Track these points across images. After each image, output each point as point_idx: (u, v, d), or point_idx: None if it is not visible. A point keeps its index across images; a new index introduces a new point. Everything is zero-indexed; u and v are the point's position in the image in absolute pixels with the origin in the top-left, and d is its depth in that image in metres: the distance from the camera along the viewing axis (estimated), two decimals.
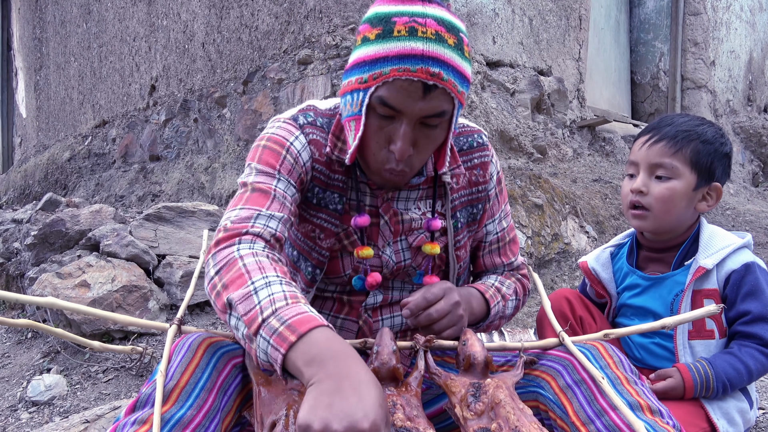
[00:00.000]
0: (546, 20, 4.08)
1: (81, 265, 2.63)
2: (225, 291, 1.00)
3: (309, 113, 1.24)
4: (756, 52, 5.95)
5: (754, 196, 5.25)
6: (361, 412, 0.80)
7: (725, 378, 1.27)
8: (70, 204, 3.56)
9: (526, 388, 1.14)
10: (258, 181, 1.17)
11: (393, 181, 1.18)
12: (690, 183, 1.36)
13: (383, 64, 1.04)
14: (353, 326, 1.30)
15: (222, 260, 1.04)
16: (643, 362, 1.43)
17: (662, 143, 1.36)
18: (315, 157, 1.21)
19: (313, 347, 0.88)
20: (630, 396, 1.02)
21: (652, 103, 5.30)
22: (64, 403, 2.18)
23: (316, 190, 1.23)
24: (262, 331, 0.92)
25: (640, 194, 1.38)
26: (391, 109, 1.07)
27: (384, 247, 1.26)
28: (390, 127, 1.09)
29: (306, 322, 0.91)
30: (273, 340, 0.91)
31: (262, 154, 1.19)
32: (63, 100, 6.09)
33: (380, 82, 1.05)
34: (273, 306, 0.94)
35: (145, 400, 1.00)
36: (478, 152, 1.30)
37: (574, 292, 1.52)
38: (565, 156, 4.09)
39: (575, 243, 3.42)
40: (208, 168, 4.09)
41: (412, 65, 1.03)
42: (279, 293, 0.96)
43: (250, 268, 1.00)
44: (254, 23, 3.71)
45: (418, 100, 1.05)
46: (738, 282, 1.32)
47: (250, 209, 1.12)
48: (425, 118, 1.08)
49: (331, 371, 0.85)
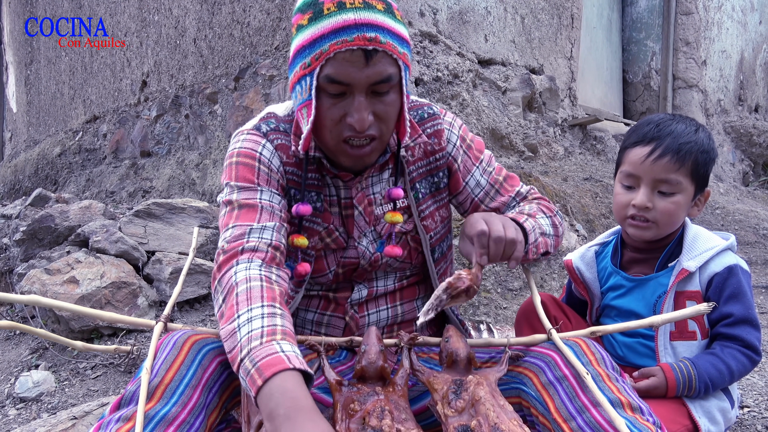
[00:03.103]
0: (538, 19, 4.09)
1: (70, 261, 2.62)
2: (221, 322, 1.05)
3: (270, 120, 1.25)
4: (747, 51, 5.98)
5: (744, 195, 5.29)
6: None
7: (707, 378, 1.28)
8: (60, 200, 3.55)
9: (508, 384, 1.15)
10: (242, 197, 1.18)
11: (359, 156, 1.16)
12: (690, 194, 1.37)
13: (321, 42, 1.07)
14: (340, 323, 1.30)
15: (224, 288, 1.09)
16: (626, 360, 1.44)
17: (667, 158, 1.32)
18: (284, 161, 1.22)
19: (272, 399, 0.91)
20: (611, 393, 1.03)
21: (643, 102, 5.32)
22: (52, 400, 2.18)
23: (293, 192, 1.24)
24: (240, 372, 0.97)
25: (646, 210, 1.36)
26: (339, 84, 1.08)
27: (360, 238, 1.27)
28: (342, 104, 1.11)
29: (271, 365, 0.94)
30: (247, 381, 0.95)
31: (237, 171, 1.20)
32: (54, 95, 6.06)
33: (323, 60, 1.07)
34: (249, 345, 0.97)
35: (129, 398, 1.01)
36: (430, 122, 1.31)
37: (548, 295, 1.53)
38: (556, 154, 4.11)
39: (565, 241, 3.43)
40: (199, 164, 4.08)
41: (348, 35, 1.05)
42: (257, 330, 0.99)
43: (239, 299, 1.04)
44: (246, 19, 3.70)
45: (362, 67, 1.07)
46: (721, 285, 1.33)
47: (242, 226, 1.14)
48: (374, 85, 1.09)
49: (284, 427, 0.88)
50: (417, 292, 1.36)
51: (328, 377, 1.07)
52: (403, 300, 1.34)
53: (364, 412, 0.96)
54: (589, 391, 1.03)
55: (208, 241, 2.91)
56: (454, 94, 3.44)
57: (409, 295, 1.35)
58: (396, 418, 0.95)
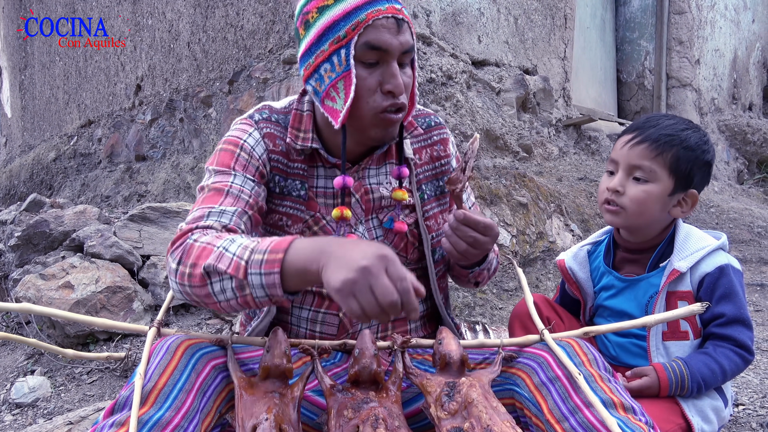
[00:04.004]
0: (531, 19, 4.10)
1: (65, 266, 2.62)
2: (196, 267, 1.03)
3: (264, 111, 1.31)
4: (740, 50, 6.00)
5: (739, 193, 5.31)
6: (375, 247, 0.91)
7: (700, 378, 1.28)
8: (55, 205, 3.54)
9: (502, 385, 1.15)
10: (214, 181, 1.21)
11: (393, 122, 1.20)
12: (666, 188, 1.36)
13: (357, 13, 1.13)
14: (334, 320, 1.30)
15: (179, 251, 1.07)
16: (619, 360, 1.44)
17: (644, 145, 1.35)
18: (270, 149, 1.26)
19: (302, 251, 0.96)
20: (603, 393, 1.04)
21: (638, 101, 5.33)
22: (47, 405, 2.17)
23: (277, 179, 1.27)
24: (251, 269, 0.97)
25: (616, 193, 1.38)
26: (377, 50, 1.14)
27: (356, 225, 1.30)
28: (377, 73, 1.16)
29: (284, 241, 0.98)
30: (264, 269, 0.96)
31: (218, 157, 1.25)
32: (48, 100, 6.05)
33: (361, 28, 1.13)
34: (248, 249, 0.99)
35: (123, 403, 1.01)
36: (436, 130, 1.40)
37: (541, 296, 1.53)
38: (551, 155, 4.12)
39: (560, 241, 3.44)
40: (194, 168, 4.08)
41: (381, 5, 1.14)
42: (246, 241, 1.01)
43: (208, 241, 1.05)
44: (239, 23, 3.71)
45: (396, 34, 1.15)
46: (712, 285, 1.33)
47: (203, 208, 1.15)
48: (403, 54, 1.17)
49: (334, 248, 0.93)
50: None
51: (321, 382, 1.07)
52: None
53: (358, 420, 0.96)
54: (582, 391, 1.03)
55: None
56: (448, 95, 3.45)
57: None
58: (389, 426, 0.95)
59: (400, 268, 0.90)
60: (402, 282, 0.89)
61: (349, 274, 0.88)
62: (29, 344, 1.22)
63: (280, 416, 0.98)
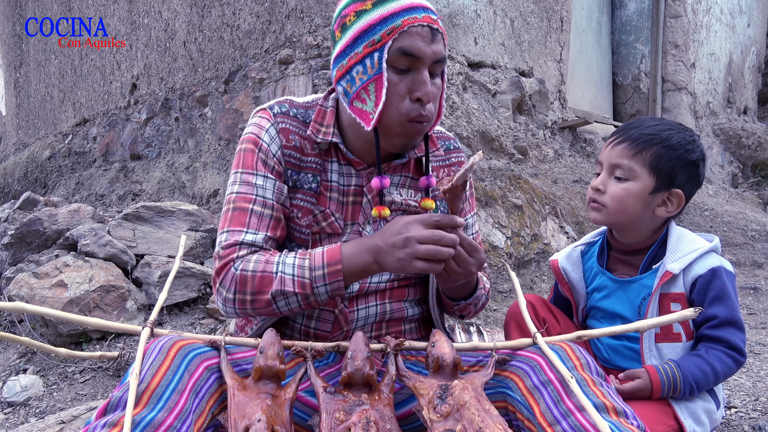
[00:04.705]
0: (527, 22, 4.11)
1: (58, 265, 2.61)
2: (262, 294, 1.18)
3: (284, 104, 1.34)
4: (736, 54, 6.03)
5: (733, 197, 5.33)
6: (398, 223, 1.13)
7: (692, 380, 1.29)
8: (49, 203, 3.53)
9: (495, 388, 1.16)
10: (240, 193, 1.27)
11: (413, 135, 1.24)
12: (647, 186, 1.37)
13: (393, 18, 1.16)
14: (329, 316, 1.32)
15: (230, 283, 1.21)
16: (611, 363, 1.45)
17: (624, 144, 1.38)
18: (284, 144, 1.29)
19: (354, 257, 1.16)
20: (596, 397, 1.04)
21: (633, 104, 5.35)
22: (40, 404, 2.17)
23: (290, 173, 1.30)
24: (316, 284, 1.16)
25: (598, 192, 1.42)
26: (410, 57, 1.17)
27: (364, 224, 1.32)
28: (408, 79, 1.19)
29: (334, 251, 1.17)
30: (328, 281, 1.16)
31: (242, 158, 1.30)
32: (43, 98, 6.03)
33: (396, 34, 1.16)
34: (305, 268, 1.17)
35: (116, 404, 1.01)
36: (455, 153, 1.47)
37: (537, 297, 1.54)
38: (546, 157, 4.12)
39: (555, 243, 3.45)
40: (189, 167, 4.07)
41: (418, 14, 1.17)
42: (296, 260, 1.18)
43: (261, 269, 1.19)
44: (236, 22, 3.70)
45: (429, 43, 1.17)
46: (705, 287, 1.34)
47: (234, 233, 1.24)
48: (434, 64, 1.19)
49: (377, 242, 1.14)
50: (407, 294, 1.38)
51: (314, 384, 1.08)
52: (393, 299, 1.36)
53: (350, 423, 0.96)
54: (574, 395, 1.04)
55: (198, 244, 2.90)
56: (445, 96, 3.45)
57: (399, 294, 1.36)
58: (381, 429, 0.95)
59: (422, 216, 1.11)
60: (430, 219, 1.10)
61: (399, 252, 1.10)
62: (22, 343, 1.22)
63: (273, 417, 0.98)
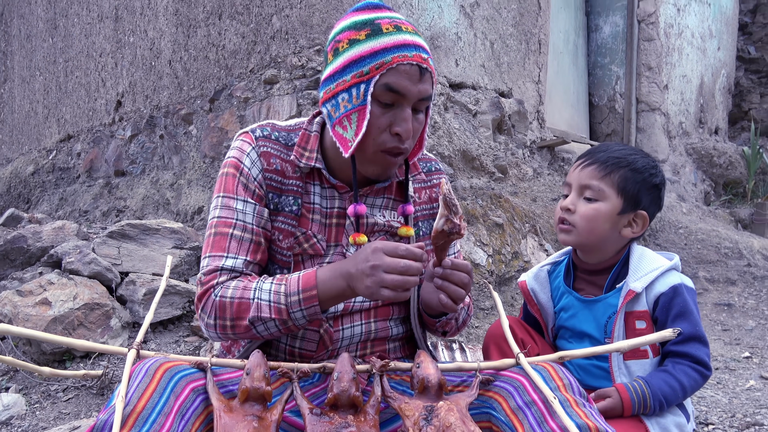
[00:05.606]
0: (507, 44, 4.22)
1: (42, 283, 2.62)
2: (241, 320, 1.21)
3: (266, 128, 1.36)
4: (707, 76, 6.21)
5: (706, 214, 5.46)
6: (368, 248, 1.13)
7: (661, 396, 1.32)
8: (33, 220, 3.53)
9: (479, 409, 1.18)
10: (221, 217, 1.29)
11: (392, 164, 1.27)
12: (615, 206, 1.43)
13: (383, 54, 1.18)
14: (314, 336, 1.32)
15: (210, 309, 1.24)
16: (581, 383, 1.49)
17: (594, 166, 1.45)
18: (265, 168, 1.31)
19: (329, 282, 1.17)
20: (579, 418, 1.05)
21: (609, 124, 5.49)
22: (22, 423, 2.17)
23: (271, 196, 1.32)
24: (292, 309, 1.18)
25: (568, 212, 1.46)
26: (395, 93, 1.20)
27: (348, 246, 1.34)
28: (390, 114, 1.22)
29: (309, 277, 1.18)
30: (304, 306, 1.17)
31: (224, 183, 1.32)
32: (27, 114, 6.01)
33: (384, 69, 1.18)
34: (280, 294, 1.18)
35: (101, 427, 1.00)
36: (436, 175, 1.50)
37: (515, 318, 1.57)
38: (526, 175, 4.22)
39: (534, 261, 3.52)
40: (174, 184, 4.10)
41: (409, 52, 1.19)
42: (272, 287, 1.20)
43: (239, 296, 1.21)
44: (221, 42, 3.76)
45: (416, 82, 1.20)
46: (667, 304, 1.39)
47: (215, 258, 1.27)
48: (419, 101, 1.22)
49: (348, 267, 1.15)
50: (391, 312, 1.39)
51: (300, 406, 1.09)
52: (378, 318, 1.36)
53: None
54: (557, 416, 1.05)
55: (183, 262, 2.93)
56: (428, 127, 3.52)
57: (383, 313, 1.37)
58: None
59: (389, 245, 1.12)
60: (397, 250, 1.11)
61: (366, 280, 1.11)
62: (4, 362, 1.23)
63: None
